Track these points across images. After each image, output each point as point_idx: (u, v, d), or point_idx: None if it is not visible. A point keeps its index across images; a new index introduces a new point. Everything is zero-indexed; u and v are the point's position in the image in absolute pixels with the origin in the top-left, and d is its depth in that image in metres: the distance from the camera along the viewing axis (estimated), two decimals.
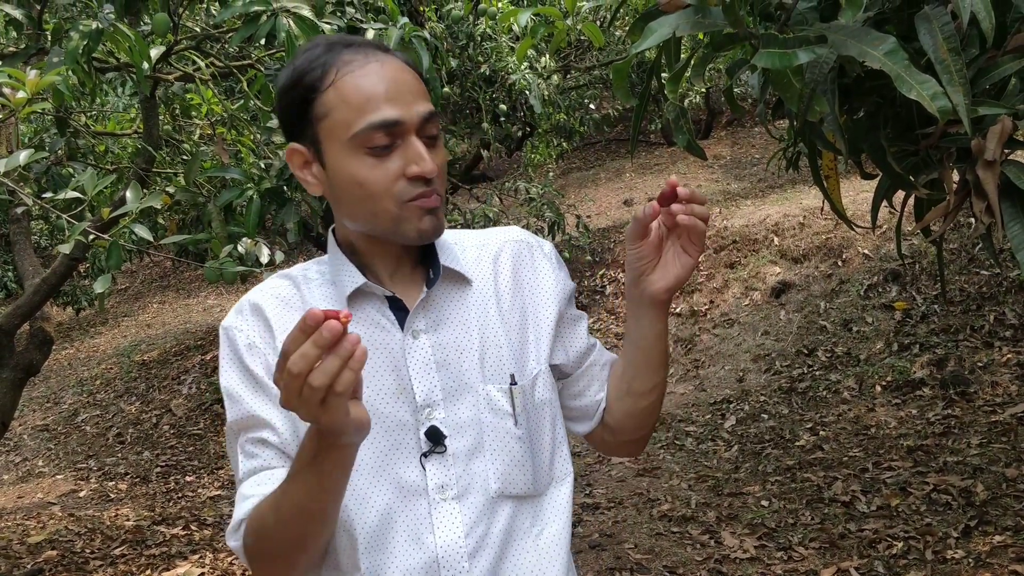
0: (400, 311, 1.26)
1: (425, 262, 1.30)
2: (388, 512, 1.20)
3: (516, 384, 1.27)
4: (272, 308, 1.26)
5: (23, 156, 2.03)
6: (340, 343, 0.93)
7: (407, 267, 1.29)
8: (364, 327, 1.24)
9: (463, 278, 1.30)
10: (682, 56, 1.55)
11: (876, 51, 1.17)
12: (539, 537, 1.27)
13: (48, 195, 2.35)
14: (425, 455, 1.22)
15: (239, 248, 2.69)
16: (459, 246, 1.34)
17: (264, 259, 2.69)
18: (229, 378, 1.24)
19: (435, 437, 1.22)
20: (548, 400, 1.32)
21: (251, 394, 1.22)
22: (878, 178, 1.71)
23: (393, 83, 1.18)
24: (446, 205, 1.29)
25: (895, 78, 1.17)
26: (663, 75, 1.53)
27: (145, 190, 2.77)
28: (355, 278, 1.24)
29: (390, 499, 1.20)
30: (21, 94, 1.89)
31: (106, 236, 2.26)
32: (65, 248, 2.18)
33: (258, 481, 1.18)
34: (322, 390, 0.93)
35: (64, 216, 2.23)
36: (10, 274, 10.34)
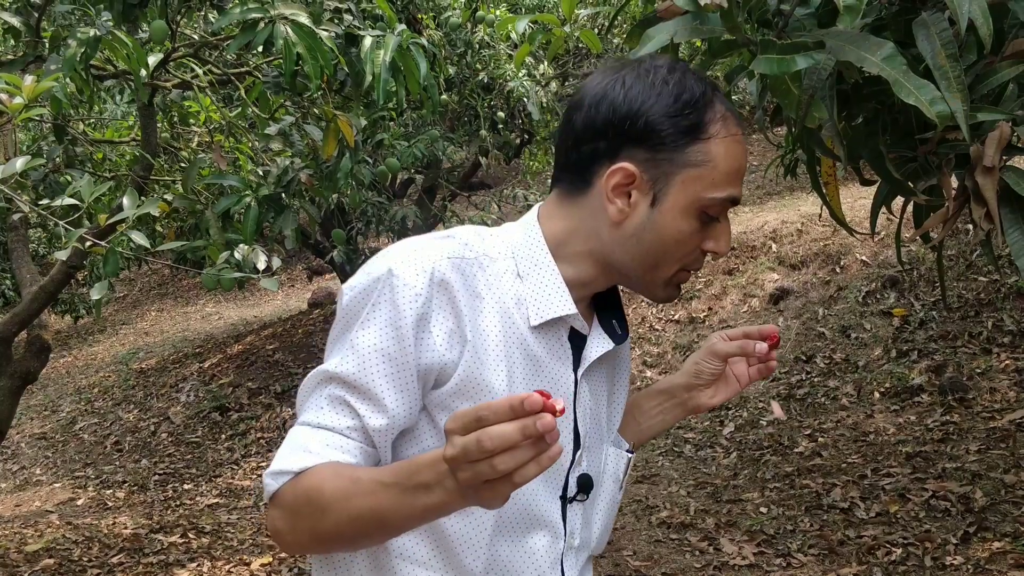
0: (575, 347, 1.19)
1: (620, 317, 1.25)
2: (520, 546, 1.15)
3: (632, 453, 1.28)
4: (461, 291, 1.09)
5: (20, 163, 2.03)
6: (543, 437, 0.85)
7: (588, 299, 1.22)
8: (545, 351, 1.16)
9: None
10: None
11: (874, 57, 1.17)
12: None
13: (45, 202, 2.35)
14: (570, 500, 1.18)
15: (236, 255, 2.68)
16: None
17: (261, 265, 2.68)
18: (368, 335, 1.07)
19: (585, 485, 1.19)
20: None
21: (383, 367, 1.07)
22: (877, 184, 1.71)
23: (746, 163, 1.16)
24: None
25: (893, 83, 1.17)
26: None
27: (143, 197, 2.77)
28: (565, 304, 1.14)
29: (523, 532, 1.16)
30: (18, 100, 1.88)
31: (103, 243, 2.26)
32: (62, 255, 2.17)
33: (328, 442, 1.06)
34: (501, 474, 0.85)
35: (61, 223, 2.23)
36: (8, 282, 10.32)
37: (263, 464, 6.81)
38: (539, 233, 1.17)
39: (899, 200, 1.67)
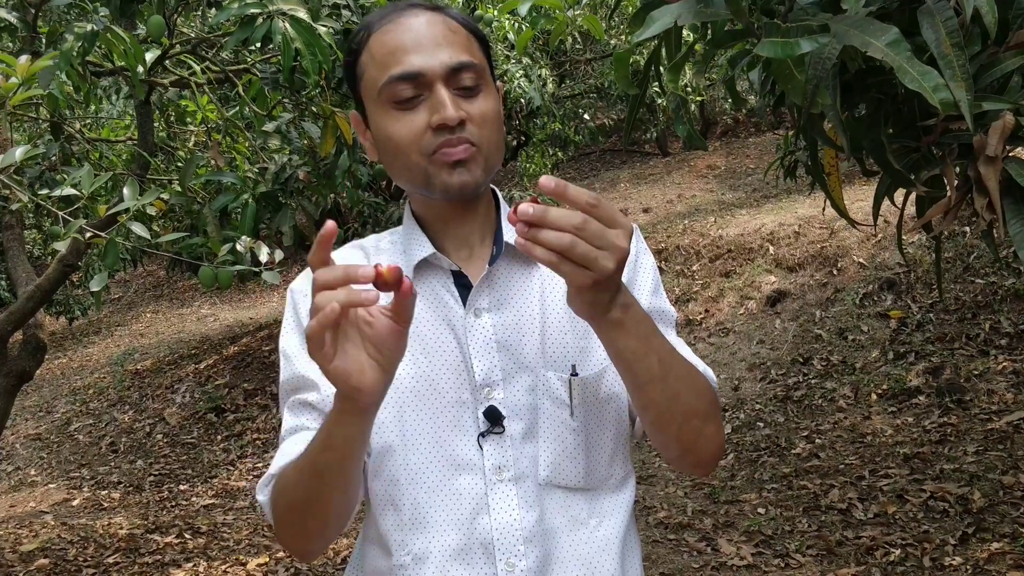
0: (465, 287, 1.23)
1: (498, 239, 1.26)
2: (441, 490, 1.18)
3: (577, 375, 1.21)
4: None
5: (19, 153, 2.01)
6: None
7: (477, 242, 1.26)
8: (427, 300, 1.22)
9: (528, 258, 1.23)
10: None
11: (878, 41, 1.16)
12: (597, 529, 1.22)
13: (44, 192, 2.33)
14: (483, 435, 1.19)
15: (238, 247, 2.66)
16: None
17: (263, 258, 2.66)
18: (288, 340, 1.25)
19: (493, 417, 1.19)
20: (615, 395, 1.24)
21: (304, 356, 1.21)
22: (879, 179, 1.71)
23: (419, 34, 1.15)
24: (495, 159, 1.19)
25: (897, 69, 1.16)
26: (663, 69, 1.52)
27: (140, 195, 2.75)
28: (424, 248, 1.23)
29: (444, 477, 1.18)
30: (13, 80, 1.87)
31: (103, 234, 2.24)
32: (61, 246, 2.15)
33: (295, 440, 1.18)
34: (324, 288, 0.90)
35: (61, 214, 2.22)
36: (3, 282, 10.31)
37: (259, 465, 6.80)
38: (409, 210, 1.29)
39: (902, 192, 1.67)
